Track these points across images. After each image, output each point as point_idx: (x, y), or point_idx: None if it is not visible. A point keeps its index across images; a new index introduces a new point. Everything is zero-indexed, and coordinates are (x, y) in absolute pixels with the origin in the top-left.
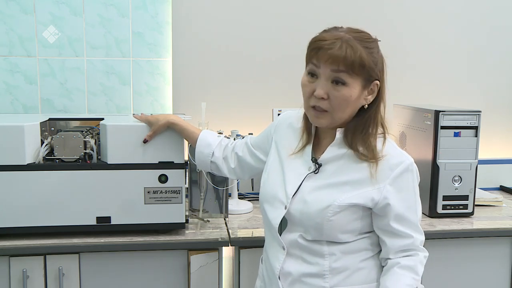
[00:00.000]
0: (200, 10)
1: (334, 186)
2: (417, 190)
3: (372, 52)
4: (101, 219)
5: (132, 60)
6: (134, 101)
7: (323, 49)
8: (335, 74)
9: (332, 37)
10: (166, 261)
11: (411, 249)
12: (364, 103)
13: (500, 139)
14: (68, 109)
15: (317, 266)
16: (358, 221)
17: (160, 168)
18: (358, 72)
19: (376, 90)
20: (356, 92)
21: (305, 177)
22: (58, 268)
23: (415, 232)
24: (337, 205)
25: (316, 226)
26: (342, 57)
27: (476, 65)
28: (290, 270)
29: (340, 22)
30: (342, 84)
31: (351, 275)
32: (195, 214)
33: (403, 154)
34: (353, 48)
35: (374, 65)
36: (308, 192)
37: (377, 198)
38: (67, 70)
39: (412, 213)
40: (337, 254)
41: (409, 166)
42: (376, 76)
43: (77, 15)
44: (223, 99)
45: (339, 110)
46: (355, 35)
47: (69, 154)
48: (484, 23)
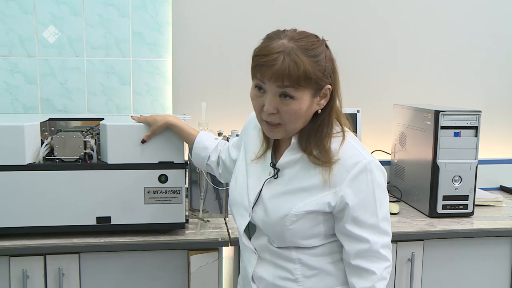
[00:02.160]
0: (200, 10)
1: (291, 193)
2: (379, 189)
3: (318, 60)
4: (101, 219)
5: (132, 60)
6: (134, 101)
7: (266, 66)
8: (281, 89)
9: (274, 50)
10: (166, 261)
11: (369, 255)
12: (317, 108)
13: (500, 139)
14: (68, 109)
15: (288, 270)
16: (320, 226)
17: (160, 168)
18: (304, 84)
19: (328, 94)
20: (305, 103)
21: (265, 182)
22: (58, 268)
23: (374, 235)
24: (293, 213)
25: (277, 235)
26: (286, 74)
27: (476, 65)
28: (263, 274)
29: (342, 21)
30: (290, 98)
31: (323, 278)
32: (195, 214)
33: (360, 153)
34: (297, 62)
35: (322, 73)
36: (268, 199)
37: (333, 202)
38: (67, 70)
39: (370, 215)
40: (306, 258)
41: (367, 166)
42: (326, 81)
43: (77, 15)
44: (223, 99)
45: (291, 122)
46: (298, 44)
47: (69, 154)
48: (484, 23)
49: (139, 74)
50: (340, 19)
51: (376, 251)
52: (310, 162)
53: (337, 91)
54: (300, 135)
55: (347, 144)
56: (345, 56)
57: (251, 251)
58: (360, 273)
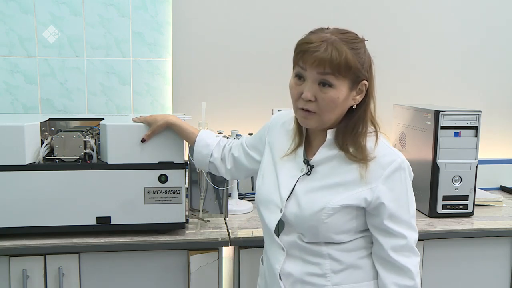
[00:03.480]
0: (200, 10)
1: (327, 188)
2: (410, 187)
3: (359, 53)
4: (101, 219)
5: (132, 60)
6: (134, 101)
7: (309, 52)
8: (322, 76)
9: (318, 39)
10: (166, 261)
11: (406, 250)
12: (353, 103)
13: (500, 139)
14: (68, 109)
15: (317, 266)
16: (353, 221)
17: (160, 168)
18: (344, 73)
19: (364, 90)
20: (343, 94)
21: (298, 179)
22: (58, 268)
23: (407, 230)
24: (330, 207)
25: (311, 229)
26: (328, 60)
27: (476, 65)
28: (291, 270)
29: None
30: (329, 86)
31: (352, 273)
32: (195, 214)
33: (394, 152)
34: (339, 50)
35: (361, 65)
36: (302, 194)
37: (370, 198)
38: (67, 70)
39: (405, 212)
40: (336, 254)
41: (401, 164)
42: (364, 76)
43: (77, 15)
44: (223, 99)
45: (327, 112)
46: (341, 36)
47: (69, 154)
48: (483, 24)
49: (139, 74)
50: (340, 18)
51: (411, 247)
52: (346, 159)
53: (372, 91)
54: (336, 131)
55: (382, 143)
56: None
57: (279, 248)
58: (399, 270)
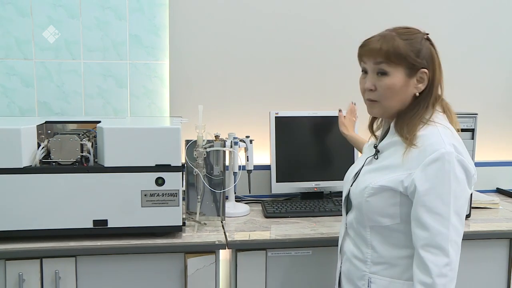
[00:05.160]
0: (197, 13)
1: (378, 170)
2: (454, 181)
3: (412, 43)
4: (98, 222)
5: (129, 63)
6: (131, 103)
7: (365, 46)
8: (377, 66)
9: (376, 36)
10: (163, 264)
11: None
12: (415, 92)
13: (497, 142)
14: (65, 112)
15: (362, 251)
16: (396, 207)
17: (157, 171)
18: (395, 60)
19: (426, 79)
20: (399, 81)
21: (365, 161)
22: (54, 271)
23: (442, 225)
24: (371, 187)
25: (358, 206)
26: (378, 49)
27: (472, 68)
28: (345, 248)
29: (338, 23)
30: (385, 74)
31: (387, 269)
32: (192, 217)
33: (443, 142)
34: (388, 40)
35: (415, 53)
36: (362, 174)
37: (406, 182)
38: (64, 73)
39: (441, 204)
40: (378, 246)
41: (445, 155)
42: (421, 64)
43: (74, 18)
44: (220, 101)
45: (387, 99)
46: (398, 31)
47: (65, 157)
48: (479, 26)
49: (136, 76)
50: (335, 21)
51: (439, 244)
52: (402, 143)
53: (436, 79)
54: (396, 118)
55: (435, 132)
56: (334, 56)
57: (343, 225)
58: (421, 266)
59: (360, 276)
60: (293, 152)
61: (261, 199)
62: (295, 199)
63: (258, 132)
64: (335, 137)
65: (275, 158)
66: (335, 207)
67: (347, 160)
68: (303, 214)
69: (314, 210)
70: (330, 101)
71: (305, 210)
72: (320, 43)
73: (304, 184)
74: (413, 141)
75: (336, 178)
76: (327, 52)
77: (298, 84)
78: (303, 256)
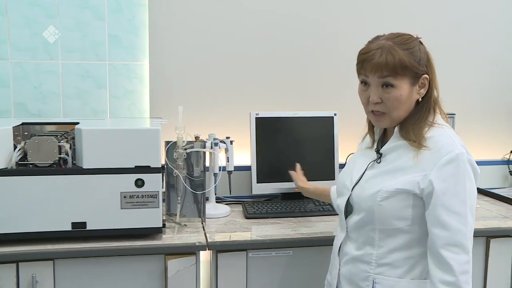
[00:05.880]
0: (177, 14)
1: (387, 173)
2: (469, 181)
3: (412, 52)
4: (76, 225)
5: (109, 63)
6: (111, 104)
7: (367, 61)
8: (382, 79)
9: (374, 47)
10: (143, 266)
11: (454, 244)
12: (418, 97)
13: (474, 142)
14: (42, 113)
15: (366, 253)
16: (409, 209)
17: (136, 173)
18: (402, 73)
19: (427, 83)
20: (405, 91)
21: (368, 165)
22: (31, 275)
23: (461, 223)
24: (385, 190)
25: (368, 209)
26: (384, 64)
27: (450, 69)
28: (347, 250)
29: (317, 26)
30: (391, 87)
31: (390, 269)
32: (172, 219)
33: (455, 144)
34: (393, 53)
35: (417, 62)
36: (367, 179)
37: (422, 184)
38: (41, 74)
39: (459, 203)
40: (383, 248)
41: (459, 156)
42: (423, 71)
43: (51, 18)
44: (200, 102)
45: (394, 110)
46: (395, 41)
47: (43, 159)
48: (458, 29)
49: (115, 77)
50: (319, 21)
51: (460, 242)
52: (409, 147)
53: (434, 82)
54: (402, 123)
55: (444, 134)
56: (315, 57)
57: (343, 228)
58: (442, 265)
59: (363, 277)
60: (273, 152)
61: (242, 200)
62: (276, 199)
63: (239, 133)
64: (316, 138)
65: (256, 158)
66: (315, 207)
67: (327, 161)
68: (283, 214)
69: (294, 210)
70: (310, 102)
71: (285, 210)
72: (302, 43)
73: (285, 184)
74: (422, 143)
75: (316, 178)
76: (308, 53)
77: (279, 84)
78: (284, 257)
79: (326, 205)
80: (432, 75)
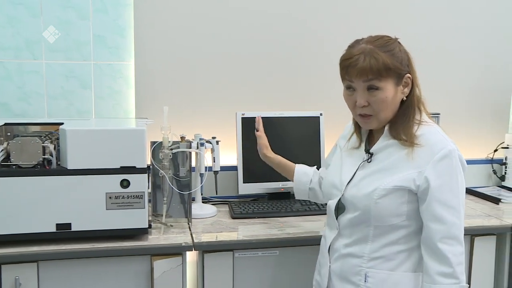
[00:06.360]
0: (162, 14)
1: (382, 171)
2: (460, 176)
3: (394, 53)
4: (61, 226)
5: (93, 63)
6: (96, 105)
7: (351, 66)
8: (367, 83)
9: (356, 52)
10: (129, 267)
11: (450, 237)
12: (403, 97)
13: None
14: (26, 114)
15: (359, 248)
16: (404, 205)
17: (122, 173)
18: (386, 75)
19: (410, 82)
20: (391, 92)
21: (359, 166)
22: (14, 278)
23: (454, 217)
24: (382, 188)
25: (365, 208)
26: (368, 68)
27: (436, 69)
28: (337, 247)
29: (302, 26)
30: (377, 89)
31: (384, 262)
32: (158, 219)
33: (447, 140)
34: (376, 57)
35: (399, 63)
36: (361, 178)
37: (418, 181)
38: (24, 74)
39: (453, 196)
40: (377, 244)
41: (452, 152)
42: (405, 71)
43: (35, 17)
44: (186, 102)
45: (381, 111)
46: (375, 44)
47: (26, 160)
48: (444, 29)
49: (100, 77)
50: (305, 21)
51: (454, 235)
52: (400, 145)
53: (415, 80)
54: (390, 123)
55: (434, 131)
56: (307, 58)
57: (333, 227)
58: (439, 258)
59: (355, 272)
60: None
61: (228, 200)
62: (262, 199)
63: (225, 133)
64: (302, 137)
65: (242, 158)
66: (302, 207)
67: (314, 161)
68: (270, 214)
69: (281, 210)
70: (296, 102)
71: (272, 210)
72: (288, 44)
73: (271, 184)
74: (414, 141)
75: None
76: (294, 54)
77: (265, 85)
78: (270, 257)
79: (313, 204)
80: (413, 73)
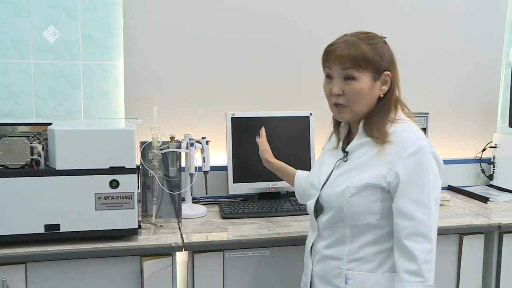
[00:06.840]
0: (151, 13)
1: (354, 169)
2: (433, 172)
3: (376, 47)
4: (50, 227)
5: (82, 63)
6: (85, 105)
7: (331, 52)
8: (345, 71)
9: (340, 41)
10: (119, 268)
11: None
12: (380, 93)
13: (447, 141)
14: (14, 114)
15: (338, 250)
16: (377, 203)
17: (111, 173)
18: (364, 65)
19: (389, 80)
20: (366, 84)
21: (335, 165)
22: (2, 280)
23: (424, 214)
24: (353, 186)
25: (338, 207)
26: (346, 55)
27: (425, 69)
28: (318, 248)
29: (292, 26)
30: (353, 79)
31: (365, 263)
32: (148, 220)
33: (418, 137)
34: (356, 46)
35: (379, 57)
36: (335, 177)
37: (389, 177)
38: (12, 73)
39: (422, 193)
40: (354, 245)
41: (422, 148)
42: (385, 67)
43: (21, 16)
44: (176, 102)
45: (355, 103)
46: (359, 36)
47: (14, 160)
48: (432, 30)
49: (90, 77)
50: (295, 21)
51: (423, 232)
52: (373, 143)
53: (395, 81)
54: (365, 120)
55: (407, 128)
56: (296, 58)
57: (315, 228)
58: (406, 255)
59: (336, 274)
60: (249, 152)
61: (218, 200)
62: (252, 199)
63: (214, 133)
64: (292, 137)
65: (232, 158)
66: (292, 207)
67: (303, 161)
68: (260, 214)
69: (271, 210)
70: (286, 102)
71: (262, 210)
72: (277, 44)
73: (261, 184)
74: (386, 139)
75: None
76: (284, 54)
77: (255, 85)
78: (261, 257)
79: (303, 204)
80: (395, 74)
